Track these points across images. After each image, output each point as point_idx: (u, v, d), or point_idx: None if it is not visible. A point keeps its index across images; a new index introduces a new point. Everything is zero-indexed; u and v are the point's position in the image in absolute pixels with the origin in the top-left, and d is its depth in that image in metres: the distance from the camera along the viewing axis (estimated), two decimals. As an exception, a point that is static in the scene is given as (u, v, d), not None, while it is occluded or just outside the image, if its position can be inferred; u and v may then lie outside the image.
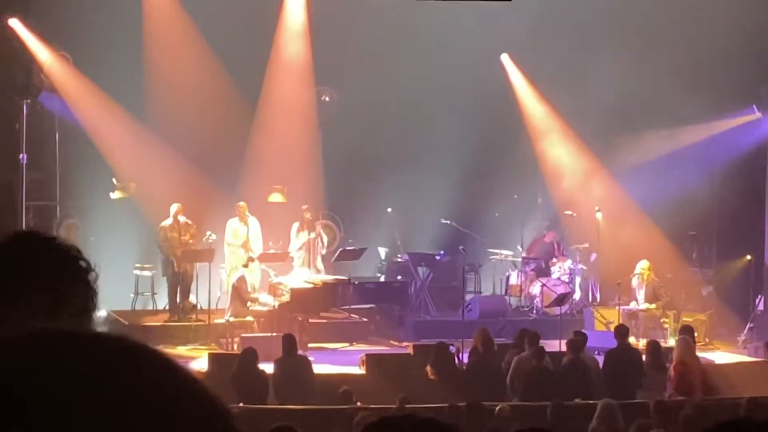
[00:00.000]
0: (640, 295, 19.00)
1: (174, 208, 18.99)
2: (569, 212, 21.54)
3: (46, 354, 1.14)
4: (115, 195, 20.18)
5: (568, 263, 20.70)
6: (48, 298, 2.11)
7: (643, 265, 19.04)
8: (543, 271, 20.70)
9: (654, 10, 21.02)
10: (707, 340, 18.90)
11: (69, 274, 2.15)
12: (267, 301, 18.18)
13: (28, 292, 2.12)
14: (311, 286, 18.71)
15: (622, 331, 15.87)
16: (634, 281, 19.12)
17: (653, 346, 15.72)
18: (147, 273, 20.16)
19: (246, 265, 18.25)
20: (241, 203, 19.25)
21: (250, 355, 14.36)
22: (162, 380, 1.16)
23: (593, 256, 20.71)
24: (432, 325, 19.10)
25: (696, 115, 20.66)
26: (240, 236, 19.01)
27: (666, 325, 18.91)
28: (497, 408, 12.36)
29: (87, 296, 2.16)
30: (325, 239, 19.79)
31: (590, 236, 20.78)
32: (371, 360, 16.08)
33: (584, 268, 20.81)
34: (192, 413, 1.16)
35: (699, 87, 20.10)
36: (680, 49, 20.73)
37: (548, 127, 22.47)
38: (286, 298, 18.21)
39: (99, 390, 1.12)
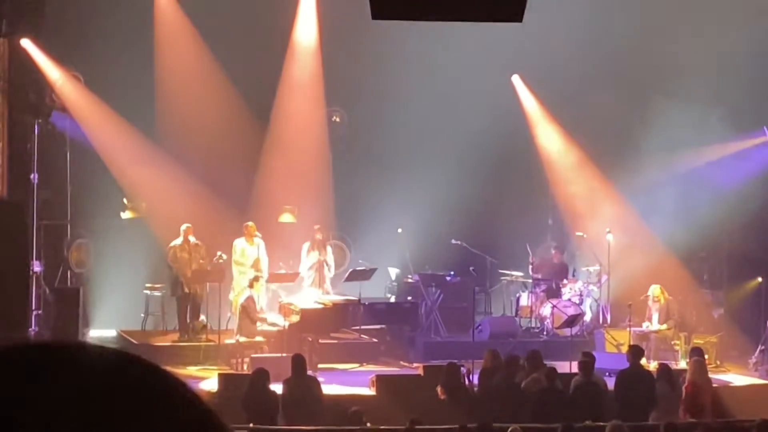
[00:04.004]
0: (655, 316, 18.97)
1: (184, 228, 19.01)
2: (580, 233, 21.52)
3: (33, 362, 1.18)
4: (126, 215, 20.20)
5: (579, 285, 20.64)
6: None
7: (655, 290, 19.04)
8: (553, 293, 20.64)
9: (663, 32, 21.00)
10: (718, 362, 18.82)
11: None
12: (277, 321, 18.16)
13: None
14: (321, 306, 18.68)
15: (635, 352, 15.76)
16: (649, 301, 19.11)
17: (663, 368, 15.65)
18: (157, 293, 20.15)
19: (251, 285, 18.19)
20: (250, 223, 19.23)
21: (261, 376, 14.32)
22: (149, 382, 1.22)
23: (604, 278, 20.65)
24: (442, 346, 19.05)
25: (707, 137, 20.63)
26: (248, 256, 18.97)
27: (677, 347, 18.86)
28: (509, 429, 12.30)
29: None
30: (331, 261, 19.77)
31: (601, 258, 20.72)
32: (381, 381, 16.05)
33: (595, 289, 20.75)
34: (179, 413, 1.21)
35: (710, 109, 20.10)
36: (690, 71, 20.70)
37: (559, 148, 22.47)
38: (296, 318, 18.19)
39: (87, 391, 1.16)
